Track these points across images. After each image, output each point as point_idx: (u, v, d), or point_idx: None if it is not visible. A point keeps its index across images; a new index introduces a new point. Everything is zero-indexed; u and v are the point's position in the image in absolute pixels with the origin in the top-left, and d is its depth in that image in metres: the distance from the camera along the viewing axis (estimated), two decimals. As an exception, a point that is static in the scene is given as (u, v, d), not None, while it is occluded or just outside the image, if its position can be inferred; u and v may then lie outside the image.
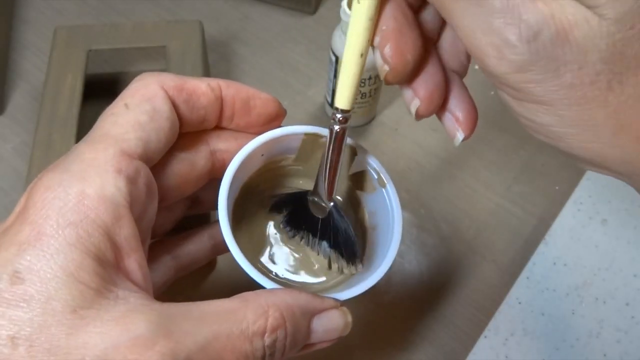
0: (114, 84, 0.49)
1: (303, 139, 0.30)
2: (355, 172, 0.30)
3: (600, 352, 0.38)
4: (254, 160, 0.29)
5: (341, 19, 0.40)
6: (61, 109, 0.40)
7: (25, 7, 0.55)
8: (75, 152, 0.23)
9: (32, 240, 0.20)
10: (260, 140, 0.28)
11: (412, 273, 0.41)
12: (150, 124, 0.24)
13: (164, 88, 0.25)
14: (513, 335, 0.39)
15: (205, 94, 0.26)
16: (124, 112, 0.24)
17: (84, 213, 0.20)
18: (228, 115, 0.27)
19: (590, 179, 0.46)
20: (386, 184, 0.29)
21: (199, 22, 0.45)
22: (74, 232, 0.20)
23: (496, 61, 0.20)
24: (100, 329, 0.19)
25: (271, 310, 0.22)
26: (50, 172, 0.22)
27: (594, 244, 0.43)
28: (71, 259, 0.19)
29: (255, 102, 0.27)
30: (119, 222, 0.21)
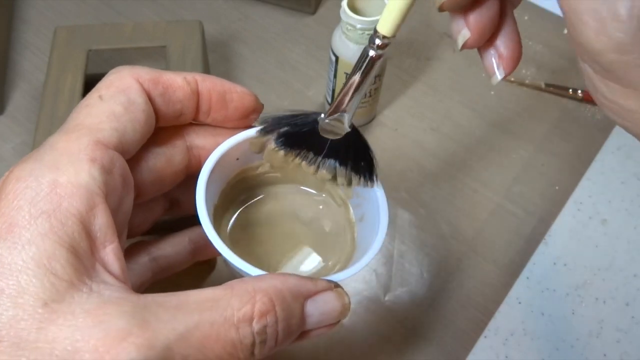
0: None
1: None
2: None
3: (600, 352, 0.38)
4: (229, 163, 0.29)
5: (341, 19, 0.40)
6: (61, 109, 0.40)
7: (25, 7, 0.55)
8: (47, 142, 0.22)
9: (3, 233, 0.19)
10: (235, 140, 0.28)
11: (412, 273, 0.41)
12: (125, 115, 0.23)
13: (139, 81, 0.25)
14: (513, 335, 0.39)
15: (182, 87, 0.26)
16: (98, 103, 0.24)
17: (57, 202, 0.20)
18: (205, 110, 0.27)
19: (590, 179, 0.46)
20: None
21: (199, 22, 0.45)
22: (47, 222, 0.20)
23: (594, 35, 0.18)
24: (71, 322, 0.18)
25: (258, 296, 0.21)
26: (21, 163, 0.21)
27: (594, 244, 0.43)
28: (43, 249, 0.19)
29: (232, 96, 0.27)
30: (93, 210, 0.21)
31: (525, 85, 0.51)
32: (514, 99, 0.51)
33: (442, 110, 0.50)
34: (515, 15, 0.25)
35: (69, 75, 0.41)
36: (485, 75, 0.52)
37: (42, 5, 0.55)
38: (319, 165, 0.29)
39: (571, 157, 0.47)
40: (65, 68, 0.42)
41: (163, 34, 0.44)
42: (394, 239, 0.42)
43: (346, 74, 0.43)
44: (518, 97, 0.51)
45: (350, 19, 0.39)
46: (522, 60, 0.56)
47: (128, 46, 0.44)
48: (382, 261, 0.41)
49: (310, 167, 0.29)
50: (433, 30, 0.55)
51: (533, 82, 0.51)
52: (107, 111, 0.23)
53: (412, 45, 0.54)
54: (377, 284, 0.40)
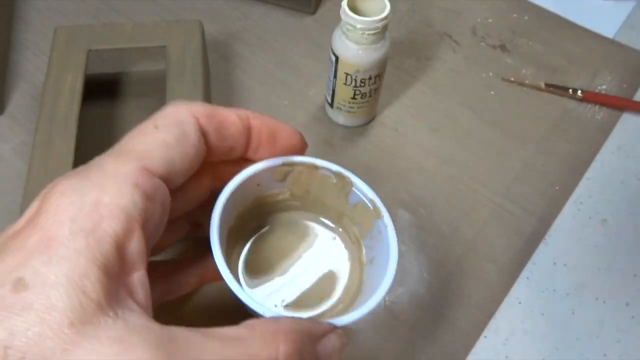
0: (114, 84, 0.49)
1: (298, 170, 0.30)
2: (354, 204, 0.30)
3: (600, 352, 0.38)
4: (250, 188, 0.29)
5: (341, 19, 0.40)
6: (61, 109, 0.40)
7: (25, 7, 0.55)
8: (96, 162, 0.23)
9: (41, 247, 0.19)
10: (258, 167, 0.28)
11: (412, 273, 0.41)
12: (176, 147, 0.24)
13: (195, 115, 0.25)
14: (513, 335, 0.39)
15: (235, 123, 0.26)
16: (152, 132, 0.24)
17: (97, 221, 0.20)
18: (254, 146, 0.28)
19: (591, 179, 0.46)
20: (382, 214, 0.29)
21: (199, 22, 0.45)
22: (84, 239, 0.20)
23: None
24: (96, 347, 0.18)
25: (281, 338, 0.22)
26: (67, 178, 0.22)
27: (594, 244, 0.43)
28: (76, 266, 0.19)
29: (281, 135, 0.28)
30: (129, 235, 0.21)
31: (525, 85, 0.51)
32: (514, 99, 0.51)
33: (442, 110, 0.50)
34: (515, 15, 0.25)
35: (69, 75, 0.41)
36: (485, 75, 0.52)
37: (42, 5, 0.55)
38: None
39: (571, 157, 0.47)
40: (65, 68, 0.42)
41: (163, 34, 0.44)
42: (394, 239, 0.42)
43: (346, 73, 0.43)
44: (518, 97, 0.51)
45: (350, 19, 0.39)
46: (522, 60, 0.56)
47: (128, 46, 0.44)
48: (382, 261, 0.41)
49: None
50: (433, 30, 0.55)
51: (533, 82, 0.51)
52: (160, 140, 0.24)
53: (412, 45, 0.54)
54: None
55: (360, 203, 0.30)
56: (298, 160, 0.29)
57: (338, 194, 0.30)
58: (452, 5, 0.57)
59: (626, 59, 0.54)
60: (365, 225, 0.30)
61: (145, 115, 0.49)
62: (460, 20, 0.56)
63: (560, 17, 0.57)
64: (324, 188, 0.30)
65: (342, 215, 0.31)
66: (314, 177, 0.30)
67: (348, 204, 0.31)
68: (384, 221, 0.29)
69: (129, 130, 0.46)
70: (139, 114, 0.47)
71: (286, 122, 0.47)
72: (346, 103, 0.45)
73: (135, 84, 0.49)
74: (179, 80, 0.42)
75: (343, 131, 0.48)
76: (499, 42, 0.54)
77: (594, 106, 0.50)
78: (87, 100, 0.41)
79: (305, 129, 0.48)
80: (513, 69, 0.53)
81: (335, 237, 0.32)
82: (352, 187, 0.30)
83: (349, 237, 0.32)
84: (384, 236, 0.29)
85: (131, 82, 0.49)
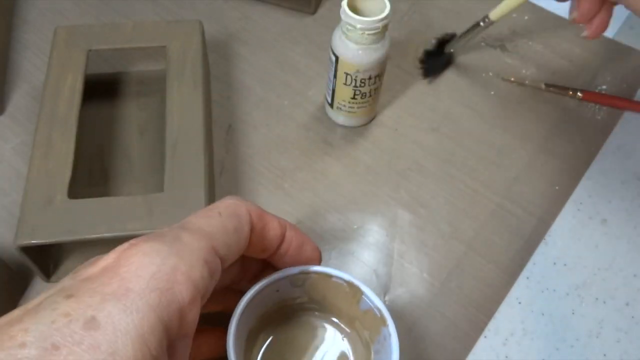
0: (114, 84, 0.49)
1: (314, 277, 0.32)
2: (365, 310, 0.32)
3: (600, 352, 0.38)
4: (269, 294, 0.32)
5: (341, 19, 0.40)
6: (61, 109, 0.40)
7: (25, 7, 0.55)
8: (172, 233, 0.25)
9: (118, 294, 0.21)
10: (276, 277, 0.31)
11: (412, 273, 0.41)
12: (234, 235, 0.27)
13: (250, 212, 0.28)
14: (513, 335, 0.39)
15: (275, 229, 0.29)
16: (217, 217, 0.27)
17: (171, 285, 0.22)
18: (282, 253, 0.30)
19: (591, 179, 0.46)
20: (387, 322, 0.31)
21: (199, 22, 0.45)
22: (158, 298, 0.21)
23: None
24: None
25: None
26: (149, 241, 0.23)
27: (594, 244, 0.43)
28: (147, 320, 0.20)
29: (307, 248, 0.31)
30: (191, 305, 0.23)
31: (525, 85, 0.51)
32: (514, 99, 0.51)
33: (442, 110, 0.50)
34: (515, 15, 0.25)
35: (69, 75, 0.41)
36: (485, 75, 0.52)
37: (42, 5, 0.55)
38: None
39: (571, 157, 0.47)
40: (65, 68, 0.42)
41: (163, 34, 0.44)
42: (394, 239, 0.42)
43: (346, 73, 0.43)
44: (518, 97, 0.51)
45: (350, 19, 0.39)
46: (522, 60, 0.56)
47: (128, 46, 0.44)
48: (382, 261, 0.41)
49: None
50: (433, 30, 0.55)
51: (533, 82, 0.51)
52: (223, 226, 0.26)
53: (412, 45, 0.54)
54: (377, 284, 0.40)
55: (370, 310, 0.32)
56: (313, 269, 0.32)
57: (350, 300, 0.33)
58: (452, 5, 0.57)
59: (626, 59, 0.54)
60: (374, 330, 0.32)
61: (145, 116, 0.49)
62: (460, 20, 0.56)
63: (561, 17, 0.57)
64: (338, 294, 0.33)
65: (354, 320, 0.34)
66: (329, 284, 0.33)
67: (360, 310, 0.33)
68: (389, 329, 0.31)
69: (129, 129, 0.46)
70: (139, 114, 0.47)
71: (286, 122, 0.48)
72: (346, 103, 0.45)
73: (135, 84, 0.49)
74: (179, 80, 0.42)
75: (343, 131, 0.48)
76: (499, 42, 0.54)
77: (594, 106, 0.50)
78: (87, 100, 0.42)
79: (305, 129, 0.48)
80: (513, 69, 0.53)
81: (346, 338, 0.34)
82: (362, 295, 0.32)
83: (360, 341, 0.34)
84: (388, 343, 0.31)
85: (131, 82, 0.49)
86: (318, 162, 0.46)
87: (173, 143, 0.39)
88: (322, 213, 0.43)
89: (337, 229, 0.43)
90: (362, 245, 0.42)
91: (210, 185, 0.39)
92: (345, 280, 0.32)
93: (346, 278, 0.32)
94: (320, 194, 0.44)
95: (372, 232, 0.43)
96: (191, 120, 0.40)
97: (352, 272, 0.41)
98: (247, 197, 0.44)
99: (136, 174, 0.44)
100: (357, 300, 0.32)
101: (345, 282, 0.32)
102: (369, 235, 0.43)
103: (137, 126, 0.46)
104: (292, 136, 0.47)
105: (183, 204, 0.36)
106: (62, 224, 0.35)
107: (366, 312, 0.32)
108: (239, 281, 0.32)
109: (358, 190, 0.45)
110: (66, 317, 0.19)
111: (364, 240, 0.42)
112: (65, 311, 0.20)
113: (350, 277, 0.32)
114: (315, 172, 0.45)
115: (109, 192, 0.43)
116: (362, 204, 0.44)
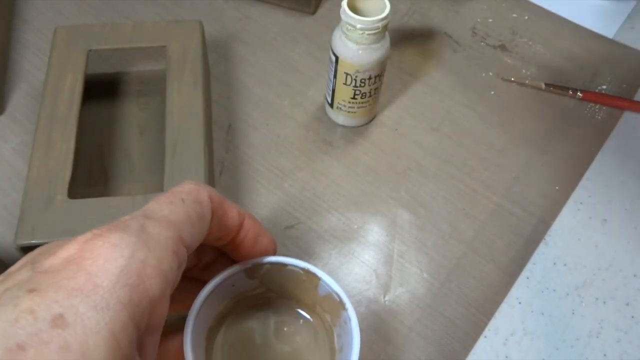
0: (114, 84, 0.49)
1: (268, 268, 0.32)
2: (324, 295, 0.32)
3: (600, 352, 0.38)
4: (225, 289, 0.31)
5: (341, 19, 0.40)
6: (61, 109, 0.40)
7: (25, 7, 0.55)
8: (136, 222, 0.23)
9: (86, 290, 0.20)
10: (230, 272, 0.30)
11: (412, 273, 0.41)
12: (197, 224, 0.26)
13: (212, 199, 0.27)
14: (513, 335, 0.39)
15: (234, 218, 0.28)
16: (180, 204, 0.25)
17: (142, 279, 0.21)
18: (238, 242, 0.30)
19: (590, 179, 0.46)
20: (345, 306, 0.31)
21: (199, 22, 0.45)
22: (129, 294, 0.20)
23: None
24: None
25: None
26: (114, 232, 0.22)
27: (594, 244, 0.43)
28: (119, 319, 0.19)
29: (262, 239, 0.30)
30: (161, 299, 0.22)
31: (525, 85, 0.51)
32: (514, 99, 0.51)
33: (442, 110, 0.50)
34: (515, 15, 0.25)
35: (69, 75, 0.41)
36: (485, 75, 0.52)
37: (42, 5, 0.55)
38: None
39: (571, 157, 0.47)
40: (66, 68, 0.42)
41: (163, 34, 0.44)
42: (394, 239, 0.42)
43: (346, 73, 0.43)
44: (518, 97, 0.51)
45: (350, 18, 0.39)
46: (522, 60, 0.57)
47: (128, 46, 0.44)
48: (382, 261, 0.41)
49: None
50: (433, 30, 0.55)
51: (533, 82, 0.51)
52: (187, 215, 0.25)
53: (412, 45, 0.54)
54: (377, 284, 0.40)
55: (329, 295, 0.32)
56: (267, 260, 0.32)
57: (308, 287, 0.32)
58: (452, 5, 0.57)
59: (626, 59, 0.54)
60: (335, 314, 0.32)
61: (145, 116, 0.49)
62: (460, 20, 0.56)
63: (560, 17, 0.57)
64: (295, 282, 0.33)
65: (314, 305, 0.34)
66: (284, 273, 0.32)
67: (319, 295, 0.33)
68: (348, 314, 0.31)
69: (129, 129, 0.46)
70: (139, 114, 0.47)
71: (286, 122, 0.48)
72: (346, 103, 0.45)
73: (135, 84, 0.49)
74: (179, 80, 0.42)
75: (343, 131, 0.48)
76: (499, 42, 0.54)
77: (594, 106, 0.50)
78: (87, 100, 0.42)
79: (305, 129, 0.48)
80: (513, 69, 0.53)
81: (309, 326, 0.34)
82: (319, 281, 0.32)
83: (323, 325, 0.34)
84: (349, 327, 0.31)
85: (131, 82, 0.49)
86: (318, 162, 0.46)
87: (173, 143, 0.39)
88: (322, 213, 0.43)
89: (337, 229, 0.43)
90: (362, 245, 0.42)
91: (210, 185, 0.39)
92: (300, 268, 0.31)
93: (301, 265, 0.31)
94: (320, 194, 0.44)
95: (372, 232, 0.43)
96: (191, 120, 0.40)
97: (352, 272, 0.41)
98: (247, 197, 0.44)
99: (136, 173, 0.44)
100: (314, 286, 0.32)
101: (300, 269, 0.31)
102: (369, 235, 0.43)
103: (137, 126, 0.46)
104: (292, 136, 0.47)
105: None
106: (62, 223, 0.35)
107: (325, 297, 0.32)
108: (192, 268, 0.31)
109: (358, 190, 0.45)
110: (31, 314, 0.18)
111: (364, 240, 0.42)
112: (29, 307, 0.18)
113: (305, 264, 0.31)
114: (315, 172, 0.45)
115: (109, 192, 0.43)
116: (362, 204, 0.44)
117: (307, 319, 0.34)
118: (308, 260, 0.41)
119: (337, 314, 0.32)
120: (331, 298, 0.32)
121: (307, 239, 0.42)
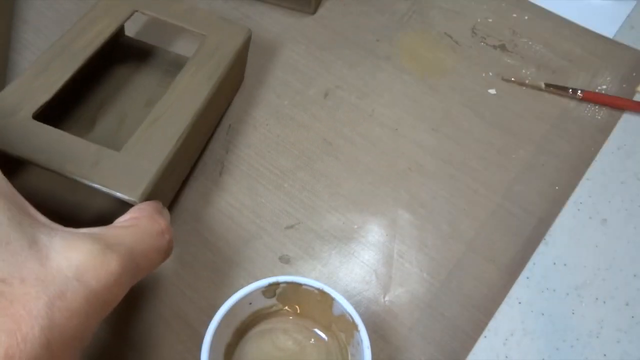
0: (147, 55, 0.49)
1: (284, 287, 0.33)
2: (338, 315, 0.33)
3: (600, 352, 0.38)
4: (242, 307, 0.32)
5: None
6: (78, 44, 0.40)
7: (25, 7, 0.55)
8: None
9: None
10: (246, 291, 0.32)
11: (412, 273, 0.41)
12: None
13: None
14: (513, 335, 0.39)
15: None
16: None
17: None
18: None
19: (590, 179, 0.46)
20: (358, 328, 0.31)
21: (247, 30, 0.45)
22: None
23: None
24: (61, 255, 0.24)
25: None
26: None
27: (594, 244, 0.43)
28: (8, 208, 0.24)
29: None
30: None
31: (525, 85, 0.51)
32: (514, 99, 0.51)
33: (442, 110, 0.50)
34: (515, 15, 0.25)
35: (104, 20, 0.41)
36: (485, 75, 0.52)
37: (42, 5, 0.55)
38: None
39: (571, 157, 0.47)
40: (103, 16, 0.42)
41: (210, 24, 0.44)
42: (394, 239, 0.42)
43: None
44: (518, 97, 0.51)
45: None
46: (522, 60, 0.57)
47: (174, 22, 0.43)
48: (382, 261, 0.41)
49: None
50: (433, 30, 0.55)
51: (533, 82, 0.51)
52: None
53: (412, 45, 0.54)
54: (377, 284, 0.40)
55: (343, 315, 0.33)
56: (282, 280, 0.32)
57: (323, 306, 0.33)
58: (452, 5, 0.57)
59: (626, 59, 0.54)
60: (349, 333, 0.33)
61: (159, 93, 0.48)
62: (460, 20, 0.56)
63: (560, 17, 0.57)
64: (310, 301, 0.34)
65: (330, 323, 0.34)
66: (300, 292, 0.33)
67: (333, 315, 0.33)
68: (360, 335, 0.31)
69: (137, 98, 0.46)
70: (154, 89, 0.47)
71: (285, 121, 0.48)
72: (346, 103, 0.45)
73: (167, 63, 0.48)
74: (197, 68, 0.41)
75: (343, 131, 0.48)
76: (499, 42, 0.54)
77: (594, 106, 0.50)
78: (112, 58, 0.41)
79: (305, 129, 0.48)
80: (513, 69, 0.53)
81: (324, 344, 0.35)
82: (333, 301, 0.32)
83: (338, 344, 0.35)
84: (361, 348, 0.31)
85: (164, 60, 0.48)
86: (318, 162, 0.46)
87: (156, 116, 0.38)
88: (322, 213, 0.43)
89: (337, 229, 0.43)
90: (362, 245, 0.42)
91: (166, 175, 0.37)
92: (315, 288, 0.32)
93: (316, 285, 0.32)
94: (320, 194, 0.44)
95: (372, 232, 0.43)
96: (186, 105, 0.39)
97: (352, 272, 0.41)
98: (247, 197, 0.44)
99: (120, 135, 0.43)
100: (329, 306, 0.33)
101: (315, 289, 0.32)
102: (369, 235, 0.43)
103: (146, 98, 0.46)
104: (292, 136, 0.47)
105: (126, 174, 0.34)
106: (11, 136, 0.34)
107: (339, 317, 0.33)
108: None
109: (358, 190, 0.45)
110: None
111: (364, 240, 0.42)
112: None
113: (319, 284, 0.32)
114: (315, 172, 0.45)
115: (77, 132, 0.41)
116: (362, 204, 0.44)
117: (322, 338, 0.35)
118: (308, 260, 0.41)
119: (351, 334, 0.32)
120: (345, 318, 0.32)
121: (307, 239, 0.42)
